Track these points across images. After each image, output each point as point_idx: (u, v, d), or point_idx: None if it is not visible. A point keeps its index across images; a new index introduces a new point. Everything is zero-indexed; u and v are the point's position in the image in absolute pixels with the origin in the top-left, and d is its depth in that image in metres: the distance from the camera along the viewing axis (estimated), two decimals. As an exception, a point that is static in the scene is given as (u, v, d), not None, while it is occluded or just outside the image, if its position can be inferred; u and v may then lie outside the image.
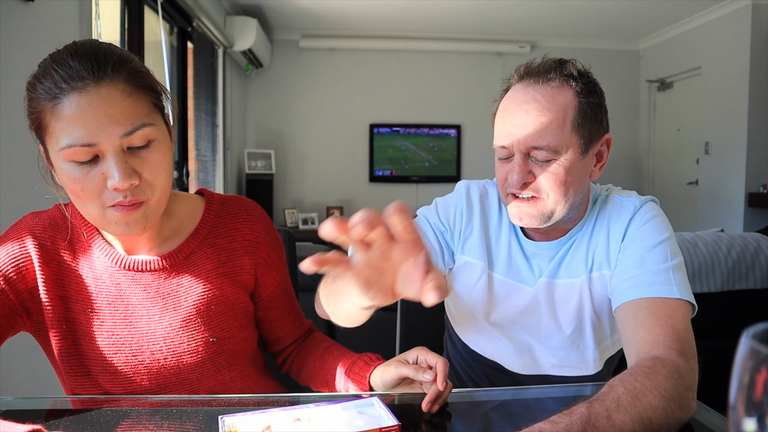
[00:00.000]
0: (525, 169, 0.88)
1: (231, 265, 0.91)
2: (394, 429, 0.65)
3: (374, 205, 5.55)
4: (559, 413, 0.63)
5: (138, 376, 0.86)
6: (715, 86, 4.55)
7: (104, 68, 0.72)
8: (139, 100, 0.75)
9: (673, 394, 0.68)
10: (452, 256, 1.02)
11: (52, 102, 0.71)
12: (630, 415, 0.64)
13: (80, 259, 0.85)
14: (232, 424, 0.66)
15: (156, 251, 0.88)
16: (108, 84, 0.72)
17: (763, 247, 1.96)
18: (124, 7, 2.75)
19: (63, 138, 0.72)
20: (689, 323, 0.81)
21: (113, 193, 0.74)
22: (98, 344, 0.84)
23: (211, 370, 0.89)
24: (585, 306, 0.95)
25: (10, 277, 0.80)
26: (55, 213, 0.88)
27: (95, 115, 0.71)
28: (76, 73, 0.71)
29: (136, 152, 0.75)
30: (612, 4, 4.45)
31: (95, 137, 0.71)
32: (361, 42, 5.38)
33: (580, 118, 0.87)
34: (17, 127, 1.62)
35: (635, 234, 0.90)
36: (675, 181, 5.17)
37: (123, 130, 0.73)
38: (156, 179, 0.77)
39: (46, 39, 1.78)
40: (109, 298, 0.85)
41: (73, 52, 0.73)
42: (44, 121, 0.73)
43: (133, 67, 0.76)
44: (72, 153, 0.72)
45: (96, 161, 0.74)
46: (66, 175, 0.74)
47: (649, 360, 0.73)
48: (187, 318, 0.87)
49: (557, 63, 0.90)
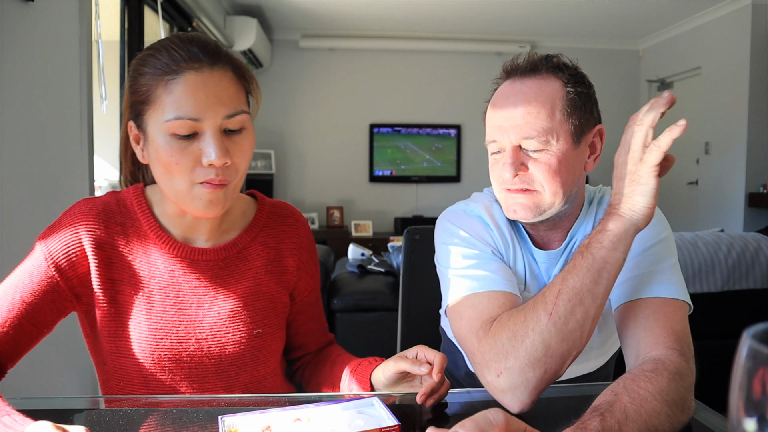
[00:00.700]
0: (517, 161, 0.87)
1: (277, 264, 0.96)
2: (394, 429, 0.65)
3: (374, 204, 5.55)
4: (573, 426, 0.63)
5: (180, 364, 0.87)
6: (715, 86, 4.55)
7: (218, 55, 0.80)
8: (241, 90, 0.83)
9: (675, 398, 0.69)
10: None
11: (168, 77, 0.77)
12: (638, 425, 0.64)
13: (134, 245, 0.87)
14: (232, 424, 0.66)
15: (212, 242, 0.92)
16: (220, 69, 0.79)
17: (763, 247, 1.96)
18: (124, 7, 2.75)
19: (170, 111, 0.77)
20: (687, 323, 0.81)
21: (205, 170, 0.79)
22: (146, 328, 0.86)
23: (250, 365, 0.91)
24: None
25: (62, 265, 0.82)
26: (108, 199, 0.89)
27: (206, 93, 0.77)
28: (194, 55, 0.78)
29: (230, 135, 0.81)
30: (612, 4, 4.45)
31: (202, 113, 0.77)
32: (361, 42, 5.38)
33: (570, 107, 0.86)
34: (17, 127, 1.62)
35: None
36: (675, 181, 5.17)
37: (226, 112, 0.79)
38: (241, 164, 0.83)
39: (46, 39, 1.78)
40: (161, 284, 0.87)
41: (189, 38, 0.80)
42: (153, 95, 0.78)
43: (239, 61, 0.84)
44: (176, 125, 0.77)
45: (194, 138, 0.78)
46: (163, 147, 0.78)
47: (651, 362, 0.73)
48: (234, 309, 0.90)
49: (543, 56, 0.90)
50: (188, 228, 0.90)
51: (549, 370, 0.74)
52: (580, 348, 0.76)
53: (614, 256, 0.75)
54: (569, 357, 0.75)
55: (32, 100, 1.70)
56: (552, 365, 0.74)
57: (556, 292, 0.75)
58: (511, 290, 0.86)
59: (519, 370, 0.73)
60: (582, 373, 1.03)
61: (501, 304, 0.82)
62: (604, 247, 0.75)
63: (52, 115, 1.82)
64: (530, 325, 0.75)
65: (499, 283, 0.85)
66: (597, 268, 0.75)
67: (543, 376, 0.73)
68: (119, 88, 2.75)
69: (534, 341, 0.74)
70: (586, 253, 0.76)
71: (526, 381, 0.73)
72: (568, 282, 0.75)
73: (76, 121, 1.97)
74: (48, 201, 1.79)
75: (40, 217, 1.74)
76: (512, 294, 0.85)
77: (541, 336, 0.73)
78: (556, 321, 0.74)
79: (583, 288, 0.75)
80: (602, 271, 0.75)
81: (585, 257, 0.76)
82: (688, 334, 0.79)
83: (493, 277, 0.86)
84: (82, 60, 1.99)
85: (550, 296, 0.76)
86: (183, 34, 0.81)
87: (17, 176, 1.62)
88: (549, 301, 0.75)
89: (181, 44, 0.78)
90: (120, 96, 2.75)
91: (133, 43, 2.79)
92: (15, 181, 1.60)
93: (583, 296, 0.74)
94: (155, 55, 0.79)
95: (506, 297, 0.84)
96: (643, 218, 0.75)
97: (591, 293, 0.75)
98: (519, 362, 0.73)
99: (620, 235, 0.75)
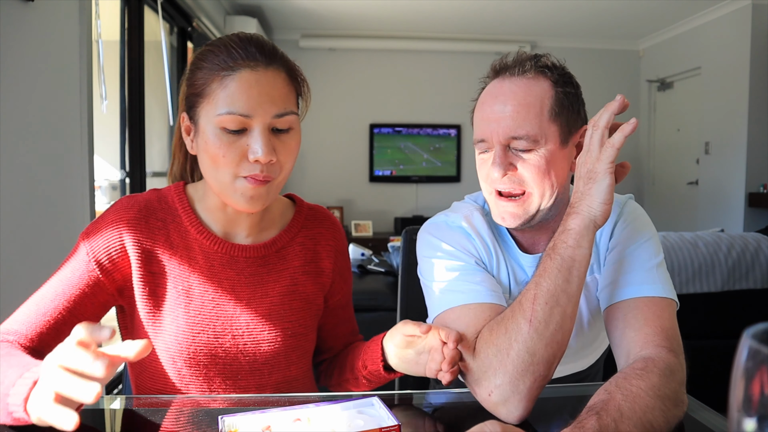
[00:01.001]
0: (505, 161, 0.86)
1: (314, 265, 0.97)
2: (394, 429, 0.65)
3: (374, 204, 5.55)
4: (570, 427, 0.64)
5: (215, 359, 0.88)
6: (715, 86, 4.55)
7: (274, 57, 0.82)
8: (292, 91, 0.85)
9: (668, 393, 0.69)
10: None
11: (224, 72, 0.79)
12: (633, 422, 0.65)
13: (175, 240, 0.89)
14: (232, 424, 0.66)
15: (252, 239, 0.93)
16: (274, 70, 0.82)
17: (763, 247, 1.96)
18: (124, 7, 2.75)
19: (223, 105, 0.79)
20: (675, 320, 0.82)
21: (250, 165, 0.81)
22: (183, 322, 0.87)
23: (283, 364, 0.92)
24: (582, 311, 0.95)
25: (103, 261, 0.84)
26: (150, 196, 0.91)
27: (259, 91, 0.79)
28: (251, 54, 0.80)
29: (278, 134, 0.83)
30: (612, 4, 4.45)
31: (252, 110, 0.79)
32: (361, 42, 5.38)
33: (558, 107, 0.86)
34: (18, 127, 1.62)
35: (621, 234, 0.90)
36: (675, 181, 5.16)
37: (276, 111, 0.81)
38: (286, 163, 0.85)
39: (46, 39, 1.78)
40: (201, 279, 0.88)
41: (248, 38, 0.82)
42: (208, 88, 0.81)
43: (293, 64, 0.87)
44: (227, 120, 0.79)
45: (242, 133, 0.80)
46: (211, 140, 0.81)
47: (641, 361, 0.74)
48: (271, 308, 0.91)
49: (532, 56, 0.89)
50: (228, 224, 0.91)
51: (538, 377, 0.74)
52: (564, 348, 0.77)
53: (580, 253, 0.77)
54: (555, 360, 0.76)
55: (32, 100, 1.70)
56: (540, 371, 0.74)
57: (531, 298, 0.76)
58: (497, 301, 0.85)
59: (509, 384, 0.73)
60: (572, 372, 1.03)
61: (486, 317, 0.82)
62: (569, 246, 0.77)
63: (52, 115, 1.82)
64: (512, 336, 0.75)
65: (484, 295, 0.85)
66: (567, 267, 0.76)
67: (533, 384, 0.73)
68: (119, 88, 2.76)
69: (519, 351, 0.74)
70: (553, 255, 0.78)
71: (518, 392, 0.73)
72: (541, 286, 0.76)
73: (76, 121, 1.97)
74: (48, 201, 1.79)
75: (40, 217, 1.74)
76: (497, 305, 0.85)
77: (525, 345, 0.74)
78: (537, 326, 0.74)
79: (557, 289, 0.75)
80: (572, 269, 0.76)
81: (553, 258, 0.77)
82: (676, 331, 0.80)
83: (477, 289, 0.86)
84: (82, 60, 1.99)
85: (527, 303, 0.76)
86: (243, 33, 0.84)
87: (17, 176, 1.62)
88: (526, 307, 0.76)
89: (240, 43, 0.81)
90: (120, 96, 2.76)
91: (133, 43, 2.79)
92: (15, 181, 1.60)
93: (558, 297, 0.75)
94: (214, 51, 0.81)
95: (491, 309, 0.83)
96: (600, 214, 0.77)
97: (565, 293, 0.76)
98: (508, 376, 0.73)
99: (582, 231, 0.77)
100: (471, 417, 0.77)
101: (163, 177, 3.55)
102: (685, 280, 1.91)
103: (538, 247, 0.96)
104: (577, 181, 0.81)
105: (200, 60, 0.83)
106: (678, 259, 1.91)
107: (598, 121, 0.79)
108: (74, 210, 1.96)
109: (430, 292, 0.92)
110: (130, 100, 2.79)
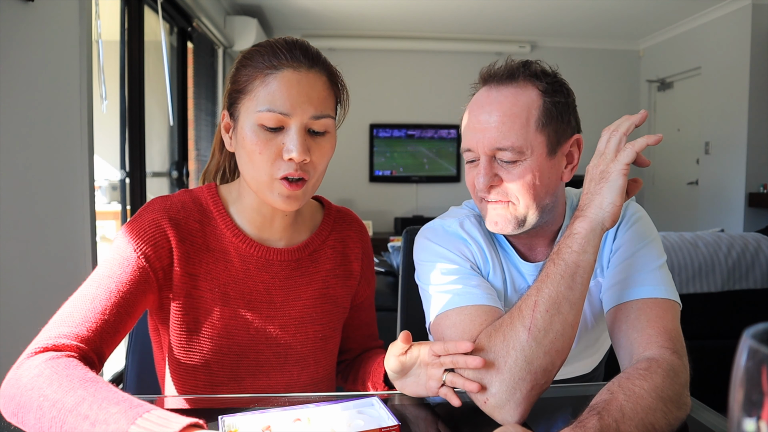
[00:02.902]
0: (491, 172, 0.86)
1: (344, 268, 0.99)
2: (394, 429, 0.65)
3: (374, 204, 5.55)
4: (572, 426, 0.64)
5: (247, 360, 0.89)
6: (715, 86, 4.54)
7: (317, 60, 0.85)
8: (331, 95, 0.87)
9: (671, 394, 0.69)
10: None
11: (268, 70, 0.82)
12: (635, 423, 0.64)
13: (211, 242, 0.90)
14: (232, 424, 0.66)
15: (285, 242, 0.94)
16: (316, 73, 0.84)
17: (763, 247, 1.96)
18: (124, 7, 2.75)
19: (263, 102, 0.81)
20: (678, 321, 0.82)
21: (285, 164, 0.82)
22: (219, 324, 0.88)
23: (311, 366, 0.93)
24: (585, 316, 0.95)
25: (150, 255, 0.84)
26: (183, 197, 0.91)
27: (299, 91, 0.81)
28: (295, 56, 0.83)
29: (313, 136, 0.84)
30: (612, 4, 4.45)
31: (291, 109, 0.81)
32: (361, 42, 5.38)
33: (545, 118, 0.85)
34: (17, 127, 1.62)
35: (624, 237, 0.90)
36: (675, 181, 5.16)
37: (314, 112, 0.82)
38: (319, 164, 0.86)
39: (46, 39, 1.78)
40: (236, 281, 0.89)
41: (293, 42, 0.85)
42: (251, 85, 0.83)
43: (335, 69, 0.89)
44: (266, 117, 0.81)
45: (279, 132, 0.82)
46: (249, 136, 0.82)
47: (645, 362, 0.73)
48: (303, 311, 0.92)
49: (520, 64, 0.88)
50: (262, 226, 0.92)
51: (536, 385, 0.73)
52: (564, 356, 0.75)
53: (585, 259, 0.75)
54: (554, 368, 0.75)
55: (32, 100, 1.70)
56: (538, 379, 0.73)
57: (532, 305, 0.74)
58: (493, 303, 0.85)
59: (506, 392, 0.72)
60: (575, 375, 1.03)
61: (483, 321, 0.81)
62: (574, 251, 0.75)
63: (52, 115, 1.82)
64: (510, 344, 0.74)
65: (480, 297, 0.85)
66: (570, 273, 0.75)
67: (530, 391, 0.73)
68: (119, 88, 2.75)
69: (517, 360, 0.73)
70: (557, 260, 0.76)
71: (514, 399, 0.72)
72: (543, 292, 0.75)
73: (76, 121, 1.97)
74: (48, 201, 1.79)
75: (41, 217, 1.74)
76: (494, 307, 0.84)
77: (523, 354, 0.73)
78: (536, 335, 0.73)
79: (559, 296, 0.74)
80: (575, 276, 0.75)
81: (557, 264, 0.76)
82: (679, 333, 0.80)
83: (473, 292, 0.85)
84: (82, 60, 1.99)
85: (527, 309, 0.75)
86: (289, 38, 0.86)
87: (17, 176, 1.62)
88: (526, 315, 0.74)
89: (286, 45, 0.83)
90: (120, 96, 2.75)
91: (133, 43, 2.79)
92: (15, 181, 1.60)
93: (560, 304, 0.74)
94: (260, 52, 0.84)
95: (487, 312, 0.83)
96: (609, 216, 0.76)
97: (568, 300, 0.74)
98: (504, 385, 0.73)
99: (587, 236, 0.75)
100: (471, 417, 0.77)
101: (163, 177, 3.55)
102: (685, 280, 1.91)
103: (536, 254, 0.95)
104: (587, 184, 0.79)
105: (246, 59, 0.85)
106: (678, 259, 1.91)
107: (618, 127, 0.79)
108: (74, 210, 1.96)
109: (426, 296, 0.92)
110: (130, 100, 2.79)
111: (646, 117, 0.79)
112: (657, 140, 0.75)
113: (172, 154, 3.68)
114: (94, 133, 2.09)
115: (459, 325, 0.82)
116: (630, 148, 0.75)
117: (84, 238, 2.01)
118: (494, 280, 0.93)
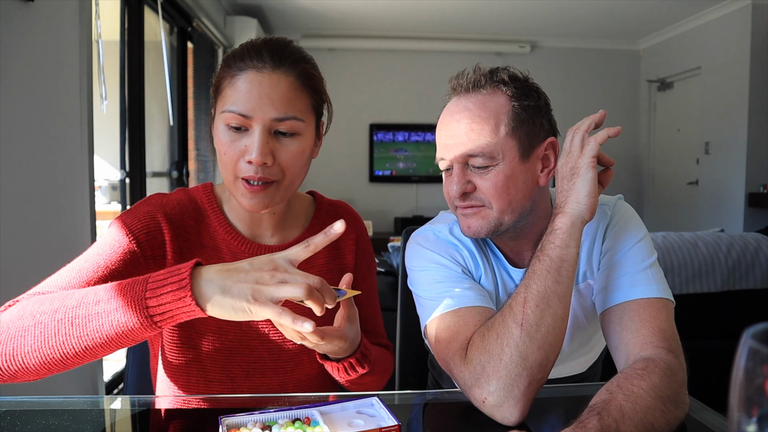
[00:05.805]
0: (463, 179, 0.87)
1: (338, 262, 0.98)
2: (394, 429, 0.65)
3: (374, 204, 5.55)
4: (572, 426, 0.64)
5: (241, 357, 0.90)
6: (715, 86, 4.55)
7: (284, 61, 0.83)
8: (301, 97, 0.84)
9: (669, 393, 0.69)
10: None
11: (234, 71, 0.83)
12: (634, 423, 0.65)
13: (205, 239, 0.91)
14: (232, 423, 0.66)
15: (277, 239, 0.94)
16: (281, 74, 0.82)
17: (763, 247, 1.96)
18: (124, 7, 2.75)
19: (228, 103, 0.82)
20: (673, 320, 0.82)
21: (247, 165, 0.82)
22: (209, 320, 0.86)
23: (306, 362, 0.93)
24: (578, 318, 0.95)
25: (143, 242, 0.85)
26: (179, 195, 0.93)
27: (259, 93, 0.81)
28: (260, 57, 0.82)
29: (281, 138, 0.84)
30: (612, 4, 4.45)
31: (252, 111, 0.81)
32: (361, 42, 5.38)
33: (515, 122, 0.85)
34: (17, 127, 1.62)
35: (614, 237, 0.90)
36: (675, 181, 5.16)
37: (275, 114, 0.81)
38: (289, 167, 0.85)
39: (46, 39, 1.78)
40: None
41: (266, 41, 0.85)
42: (222, 86, 0.85)
43: (307, 69, 0.86)
44: (229, 117, 0.82)
45: (244, 132, 0.82)
46: (218, 136, 0.84)
47: (641, 362, 0.74)
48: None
49: (487, 71, 0.89)
50: (252, 224, 0.93)
51: (533, 381, 0.74)
52: (557, 350, 0.76)
53: (568, 253, 0.78)
54: (548, 362, 0.75)
55: (32, 100, 1.70)
56: (534, 374, 0.73)
57: (522, 301, 0.76)
58: (486, 304, 0.85)
59: (503, 390, 0.73)
60: (571, 374, 1.03)
61: (477, 321, 0.82)
62: (557, 246, 0.78)
63: (52, 115, 1.82)
64: (504, 341, 0.74)
65: (473, 299, 0.85)
66: (556, 267, 0.77)
67: (528, 387, 0.73)
68: (119, 88, 2.76)
69: (511, 356, 0.73)
70: (542, 256, 0.79)
71: (513, 396, 0.73)
72: (531, 288, 0.77)
73: (76, 121, 1.97)
74: (48, 201, 1.79)
75: (41, 217, 1.74)
76: (487, 308, 0.85)
77: (518, 349, 0.73)
78: (529, 330, 0.74)
79: (547, 291, 0.76)
80: (561, 270, 0.77)
81: (542, 260, 0.78)
82: (674, 331, 0.80)
83: (466, 294, 0.86)
84: (82, 60, 1.99)
85: (517, 306, 0.76)
86: (269, 37, 0.86)
87: (17, 176, 1.62)
88: (517, 311, 0.76)
89: (255, 45, 0.84)
90: (120, 96, 2.76)
91: (133, 43, 2.79)
92: (15, 181, 1.60)
93: (549, 299, 0.76)
94: (235, 51, 0.85)
95: (481, 313, 0.83)
96: (587, 208, 0.79)
97: (556, 294, 0.76)
98: (501, 382, 0.73)
99: (569, 230, 0.78)
100: (471, 417, 0.77)
101: (163, 177, 3.55)
102: (685, 280, 1.91)
103: (524, 258, 0.96)
104: (560, 183, 0.83)
105: (225, 58, 0.86)
106: (678, 259, 1.91)
107: (580, 126, 0.83)
108: (74, 210, 1.96)
109: (420, 300, 0.92)
110: (130, 100, 2.79)
111: (605, 116, 0.84)
112: (617, 132, 0.80)
113: (172, 154, 3.68)
114: (94, 133, 2.09)
115: (453, 326, 0.83)
116: (593, 141, 0.80)
117: (84, 238, 2.01)
118: (486, 283, 0.94)
